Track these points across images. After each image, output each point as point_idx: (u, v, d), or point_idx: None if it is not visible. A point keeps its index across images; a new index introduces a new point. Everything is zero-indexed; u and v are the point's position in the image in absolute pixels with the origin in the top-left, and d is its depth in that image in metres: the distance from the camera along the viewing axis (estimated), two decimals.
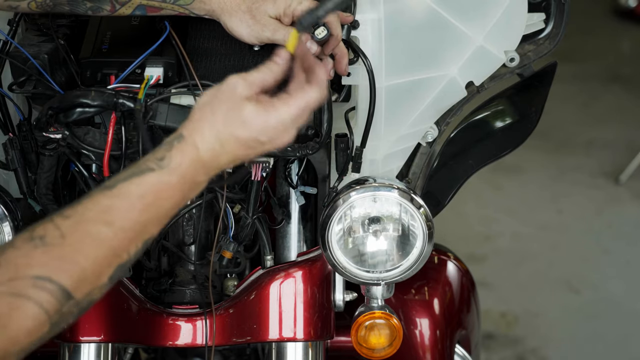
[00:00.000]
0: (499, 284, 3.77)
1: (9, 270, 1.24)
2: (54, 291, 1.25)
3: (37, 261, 1.26)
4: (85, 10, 1.70)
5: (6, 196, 1.81)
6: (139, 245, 1.33)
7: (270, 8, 1.66)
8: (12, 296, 1.23)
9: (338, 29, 1.66)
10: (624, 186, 4.40)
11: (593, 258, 3.96)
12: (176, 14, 1.72)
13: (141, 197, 1.33)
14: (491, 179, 4.33)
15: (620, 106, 5.06)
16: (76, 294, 1.27)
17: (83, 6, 1.70)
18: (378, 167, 1.82)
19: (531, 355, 3.48)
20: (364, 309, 1.86)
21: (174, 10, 1.70)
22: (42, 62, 1.69)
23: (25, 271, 1.24)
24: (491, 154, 2.03)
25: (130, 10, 1.70)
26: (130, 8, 1.70)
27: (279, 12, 1.66)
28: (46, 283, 1.25)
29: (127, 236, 1.31)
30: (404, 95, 1.77)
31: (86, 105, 1.64)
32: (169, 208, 1.36)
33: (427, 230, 1.77)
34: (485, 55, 1.77)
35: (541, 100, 1.97)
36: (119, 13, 1.71)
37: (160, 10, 1.71)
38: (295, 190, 1.90)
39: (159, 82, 1.67)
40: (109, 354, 1.84)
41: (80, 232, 1.29)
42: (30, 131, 1.74)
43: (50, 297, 1.25)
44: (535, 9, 1.83)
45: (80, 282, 1.27)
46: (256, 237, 1.90)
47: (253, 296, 1.84)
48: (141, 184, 1.34)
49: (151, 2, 1.69)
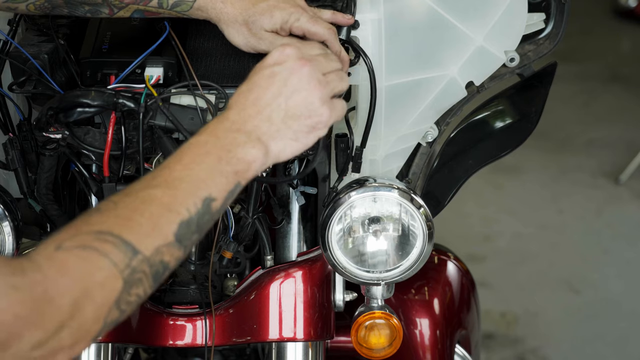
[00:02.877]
0: (499, 284, 3.77)
1: (69, 231, 1.26)
2: (118, 243, 1.26)
3: (96, 221, 1.27)
4: (83, 13, 1.71)
5: (6, 196, 1.81)
6: (198, 203, 1.34)
7: (266, 23, 1.66)
8: (79, 249, 1.23)
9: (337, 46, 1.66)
10: (624, 186, 4.40)
11: (593, 258, 3.96)
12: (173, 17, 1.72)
13: (179, 160, 1.37)
14: (491, 179, 4.33)
15: (620, 106, 5.06)
16: (142, 249, 1.27)
17: (81, 9, 1.70)
18: (378, 167, 1.82)
19: (531, 355, 3.48)
20: (364, 309, 1.86)
21: (171, 15, 1.71)
22: (42, 62, 1.69)
23: (85, 228, 1.26)
24: (491, 154, 2.03)
25: (128, 14, 1.71)
26: (128, 12, 1.71)
27: (276, 26, 1.66)
28: (107, 236, 1.25)
29: (177, 194, 1.33)
30: (404, 95, 1.77)
31: (86, 105, 1.64)
32: (213, 163, 1.37)
33: (427, 230, 1.77)
34: (485, 55, 1.77)
35: (541, 100, 1.97)
36: (117, 16, 1.71)
37: (158, 15, 1.71)
38: (295, 190, 1.90)
39: (159, 82, 1.67)
40: (109, 354, 1.84)
41: (131, 197, 1.32)
42: (30, 131, 1.74)
43: (114, 248, 1.25)
44: (535, 9, 1.83)
45: (142, 237, 1.28)
46: (256, 237, 1.90)
47: (253, 296, 1.84)
48: (177, 153, 1.39)
49: (149, 7, 1.69)
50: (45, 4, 1.70)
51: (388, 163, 1.83)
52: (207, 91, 1.66)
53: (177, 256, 1.32)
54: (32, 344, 1.18)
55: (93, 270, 1.23)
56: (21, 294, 1.17)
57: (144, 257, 1.27)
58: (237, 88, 1.49)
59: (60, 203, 1.81)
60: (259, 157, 1.42)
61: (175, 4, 1.68)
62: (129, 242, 1.26)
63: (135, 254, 1.27)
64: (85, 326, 1.23)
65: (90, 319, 1.23)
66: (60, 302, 1.20)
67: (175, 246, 1.31)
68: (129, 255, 1.26)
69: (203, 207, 1.34)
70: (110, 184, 1.69)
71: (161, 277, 1.31)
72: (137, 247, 1.27)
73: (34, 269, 1.20)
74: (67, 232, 1.25)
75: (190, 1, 1.67)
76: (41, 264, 1.21)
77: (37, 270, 1.20)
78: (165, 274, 1.31)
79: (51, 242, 1.24)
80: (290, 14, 1.65)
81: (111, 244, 1.25)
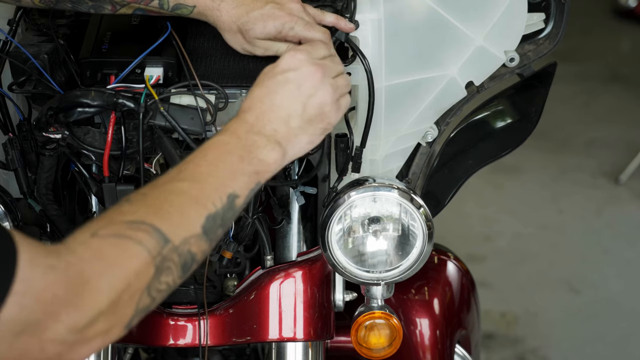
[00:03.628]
0: (499, 284, 3.77)
1: (101, 221, 1.29)
2: (150, 231, 1.29)
3: (127, 211, 1.31)
4: (87, 8, 1.71)
5: (6, 196, 1.81)
6: (223, 198, 1.39)
7: (259, 31, 1.66)
8: (113, 237, 1.27)
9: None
10: (624, 186, 4.40)
11: (593, 258, 3.96)
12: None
13: (204, 156, 1.42)
14: (491, 179, 4.33)
15: (620, 106, 5.06)
16: (172, 238, 1.31)
17: (85, 5, 1.70)
18: (378, 167, 1.82)
19: (531, 355, 3.48)
20: (364, 309, 1.86)
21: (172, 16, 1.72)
22: (42, 62, 1.69)
23: (118, 218, 1.30)
24: (491, 154, 2.03)
25: (131, 11, 1.72)
26: (130, 9, 1.72)
27: (270, 35, 1.67)
28: (140, 225, 1.29)
29: (204, 187, 1.38)
30: (404, 95, 1.77)
31: (86, 105, 1.64)
32: (237, 160, 1.43)
33: (427, 230, 1.77)
34: (485, 55, 1.77)
35: (541, 100, 1.97)
36: (120, 13, 1.72)
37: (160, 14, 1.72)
38: (295, 190, 1.90)
39: (158, 82, 1.67)
40: (108, 354, 1.84)
41: (159, 189, 1.36)
42: (30, 131, 1.74)
43: (148, 236, 1.29)
44: (535, 9, 1.83)
45: (172, 226, 1.32)
46: (256, 237, 1.90)
47: (253, 296, 1.84)
48: (200, 150, 1.43)
49: (149, 7, 1.70)
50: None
51: (388, 163, 1.83)
52: (207, 91, 1.66)
53: (204, 249, 1.36)
54: (69, 327, 1.20)
55: (128, 257, 1.26)
56: (58, 274, 1.19)
57: (173, 246, 1.31)
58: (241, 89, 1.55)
59: (60, 203, 1.81)
60: (278, 159, 1.47)
61: (175, 7, 1.69)
62: (160, 230, 1.30)
63: (166, 243, 1.30)
64: (120, 311, 1.25)
65: (125, 304, 1.26)
66: (96, 285, 1.22)
67: (202, 238, 1.35)
68: (160, 244, 1.30)
69: (228, 202, 1.39)
70: (110, 184, 1.69)
71: (189, 269, 1.34)
72: (168, 236, 1.31)
73: (68, 252, 1.23)
74: (100, 222, 1.29)
75: (190, 6, 1.68)
76: (75, 248, 1.24)
77: (71, 253, 1.23)
78: (193, 266, 1.34)
79: (85, 230, 1.27)
80: (284, 24, 1.65)
81: (144, 232, 1.29)
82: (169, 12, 1.70)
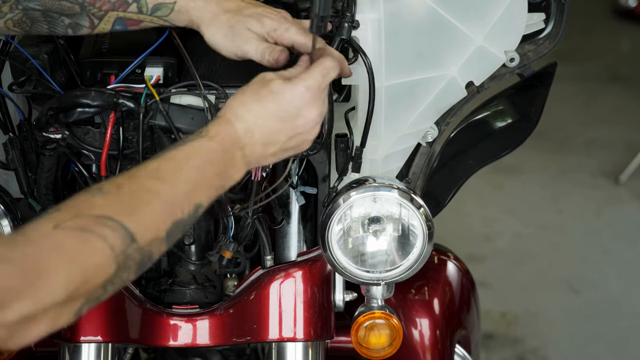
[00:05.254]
0: (499, 284, 3.77)
1: (70, 212, 1.28)
2: (117, 228, 1.29)
3: (98, 204, 1.30)
4: (64, 28, 1.67)
5: (6, 196, 1.81)
6: (190, 208, 1.39)
7: (254, 25, 1.63)
8: (78, 230, 1.26)
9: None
10: (624, 186, 4.40)
11: (593, 258, 3.96)
12: (156, 26, 1.68)
13: (187, 158, 1.41)
14: (491, 179, 4.33)
15: (620, 106, 5.06)
16: (138, 238, 1.31)
17: (61, 24, 1.66)
18: (378, 167, 1.82)
19: (531, 355, 3.48)
20: (364, 309, 1.86)
21: (153, 23, 1.67)
22: (42, 62, 1.69)
23: (87, 211, 1.29)
24: (491, 154, 2.03)
25: (110, 26, 1.67)
26: (109, 23, 1.67)
27: (264, 32, 1.64)
28: (108, 221, 1.29)
29: (178, 193, 1.38)
30: (404, 95, 1.77)
31: (86, 105, 1.64)
32: (214, 174, 1.43)
33: (427, 230, 1.77)
34: (485, 55, 1.77)
35: (541, 100, 1.97)
36: (99, 30, 1.67)
37: (140, 23, 1.67)
38: (295, 190, 1.90)
39: (158, 82, 1.67)
40: (109, 354, 1.84)
41: (135, 184, 1.35)
42: (30, 131, 1.74)
43: (113, 233, 1.28)
44: (535, 9, 1.83)
45: (140, 227, 1.32)
46: (256, 237, 1.90)
47: (253, 296, 1.84)
48: (185, 149, 1.42)
49: (128, 14, 1.66)
50: (23, 19, 1.66)
51: (388, 163, 1.83)
52: (207, 91, 1.66)
53: (162, 251, 1.36)
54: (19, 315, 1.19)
55: (89, 251, 1.26)
56: (12, 266, 1.19)
57: (138, 246, 1.31)
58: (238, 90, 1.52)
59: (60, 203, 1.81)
60: (240, 178, 1.49)
61: (155, 8, 1.65)
62: (127, 229, 1.30)
63: (132, 242, 1.30)
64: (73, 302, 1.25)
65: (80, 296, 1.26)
66: (53, 278, 1.22)
67: (164, 242, 1.36)
68: (126, 242, 1.29)
69: (193, 211, 1.40)
70: None
71: (145, 268, 1.35)
72: (135, 236, 1.30)
73: (26, 243, 1.22)
74: (67, 212, 1.28)
75: (170, 3, 1.64)
76: (34, 239, 1.23)
77: (29, 244, 1.22)
78: (148, 265, 1.35)
79: (49, 219, 1.26)
80: (280, 23, 1.64)
81: (110, 228, 1.28)
82: (148, 16, 1.66)
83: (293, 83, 1.50)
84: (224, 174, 1.45)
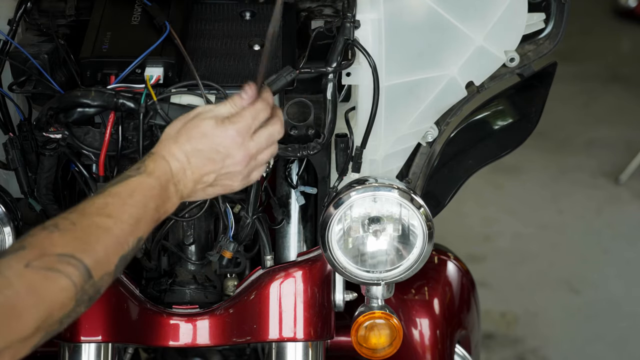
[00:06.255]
0: (499, 284, 3.77)
1: (34, 250, 1.34)
2: (79, 266, 1.35)
3: (58, 242, 1.36)
4: None
5: (6, 196, 1.81)
6: (134, 241, 1.45)
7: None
8: (46, 269, 1.32)
9: None
10: (624, 186, 4.40)
11: (593, 258, 3.96)
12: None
13: (130, 195, 1.47)
14: (491, 179, 4.33)
15: (620, 106, 5.06)
16: (94, 275, 1.37)
17: None
18: (378, 167, 1.82)
19: (531, 355, 3.48)
20: (364, 309, 1.85)
21: None
22: (42, 62, 1.69)
23: (50, 249, 1.35)
24: (491, 154, 2.03)
25: None
26: None
27: None
28: (71, 259, 1.35)
29: (125, 228, 1.43)
30: (404, 95, 1.77)
31: (86, 105, 1.64)
32: (153, 208, 1.49)
33: (427, 230, 1.77)
34: (485, 55, 1.77)
35: (541, 100, 1.97)
36: None
37: None
38: (295, 190, 1.90)
39: (159, 82, 1.67)
40: (109, 354, 1.84)
41: (87, 221, 1.41)
42: (30, 131, 1.74)
43: (76, 271, 1.35)
44: (535, 9, 1.83)
45: (95, 263, 1.37)
46: (256, 237, 1.90)
47: (253, 296, 1.84)
48: (128, 186, 1.48)
49: None
50: None
51: (388, 163, 1.83)
52: (207, 91, 1.66)
53: (108, 284, 1.42)
54: None
55: (57, 291, 1.33)
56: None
57: (93, 281, 1.37)
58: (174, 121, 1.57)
59: (60, 203, 1.81)
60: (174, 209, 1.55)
61: None
62: (86, 267, 1.36)
63: (89, 278, 1.36)
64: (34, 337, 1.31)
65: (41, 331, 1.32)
66: (26, 318, 1.29)
67: (112, 275, 1.41)
68: (85, 278, 1.36)
69: (136, 244, 1.46)
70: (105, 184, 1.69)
71: (93, 302, 1.40)
72: (92, 272, 1.37)
73: (6, 286, 1.29)
74: (33, 250, 1.33)
75: None
76: (13, 282, 1.29)
77: (9, 286, 1.29)
78: (96, 299, 1.40)
79: (18, 258, 1.32)
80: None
81: (73, 267, 1.35)
82: None
83: (225, 126, 1.54)
84: (161, 208, 1.51)
